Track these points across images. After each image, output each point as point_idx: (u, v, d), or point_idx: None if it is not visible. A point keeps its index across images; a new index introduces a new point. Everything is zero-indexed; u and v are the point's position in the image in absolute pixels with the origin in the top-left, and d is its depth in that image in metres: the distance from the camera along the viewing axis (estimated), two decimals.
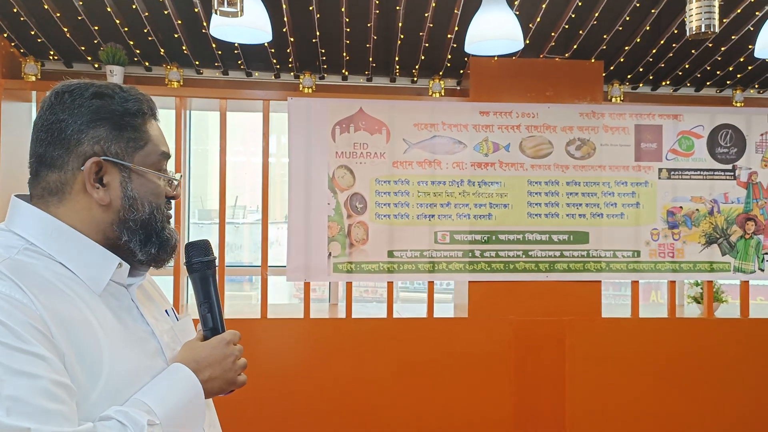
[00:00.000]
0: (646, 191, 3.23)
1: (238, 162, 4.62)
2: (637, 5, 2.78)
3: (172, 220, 0.98)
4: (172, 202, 0.98)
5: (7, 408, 0.71)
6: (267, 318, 3.06)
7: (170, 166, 1.00)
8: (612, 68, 3.32)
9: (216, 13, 1.75)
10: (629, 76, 3.43)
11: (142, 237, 0.91)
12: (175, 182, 0.97)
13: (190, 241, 1.01)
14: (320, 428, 3.02)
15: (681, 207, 3.25)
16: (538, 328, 3.15)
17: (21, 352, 0.74)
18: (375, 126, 3.11)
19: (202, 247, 1.00)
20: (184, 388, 0.88)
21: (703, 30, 1.84)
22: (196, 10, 2.74)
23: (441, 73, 3.33)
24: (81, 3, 2.70)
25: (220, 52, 3.09)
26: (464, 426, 3.08)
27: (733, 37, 3.01)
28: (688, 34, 1.88)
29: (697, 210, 3.26)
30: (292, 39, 2.99)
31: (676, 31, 2.95)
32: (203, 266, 0.99)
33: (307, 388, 3.02)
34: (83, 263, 0.87)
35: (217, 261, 1.03)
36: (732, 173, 3.27)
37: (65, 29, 2.86)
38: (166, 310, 1.02)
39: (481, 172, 3.16)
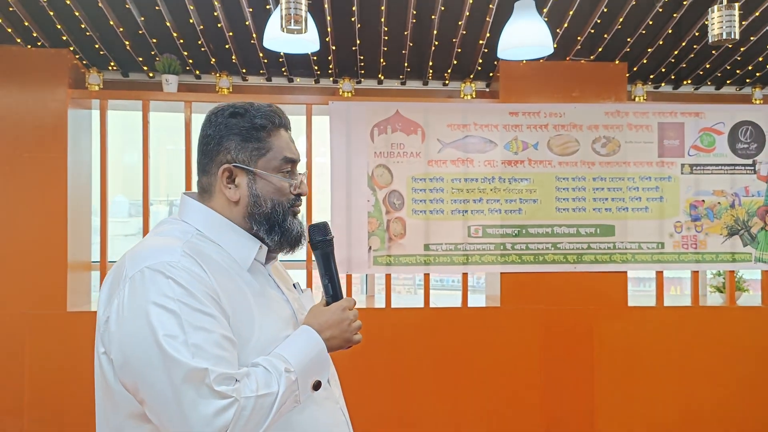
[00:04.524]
0: (669, 186, 3.39)
1: None
2: (660, 10, 2.95)
3: (300, 214, 1.18)
4: (302, 198, 1.17)
5: (192, 353, 0.95)
6: None
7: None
8: (635, 69, 3.48)
9: (283, 32, 1.96)
10: (651, 77, 3.59)
11: (266, 227, 1.13)
12: (294, 181, 1.14)
13: (312, 223, 1.21)
14: (357, 413, 3.22)
15: (703, 200, 3.40)
16: (567, 317, 3.33)
17: (201, 313, 0.98)
18: (411, 127, 3.31)
19: (323, 228, 1.19)
20: (311, 345, 1.10)
21: (724, 37, 2.02)
22: (246, 23, 2.96)
23: (471, 76, 3.52)
24: (143, 19, 2.94)
25: (266, 61, 3.32)
26: (495, 409, 3.27)
27: (751, 38, 3.16)
28: (710, 40, 2.06)
29: (719, 203, 3.41)
30: (334, 47, 3.20)
31: (697, 34, 3.11)
32: (324, 244, 1.19)
33: (350, 374, 3.22)
34: (235, 245, 1.11)
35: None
36: (752, 168, 3.42)
37: (126, 42, 3.11)
38: (294, 284, 1.26)
39: (512, 169, 3.35)
